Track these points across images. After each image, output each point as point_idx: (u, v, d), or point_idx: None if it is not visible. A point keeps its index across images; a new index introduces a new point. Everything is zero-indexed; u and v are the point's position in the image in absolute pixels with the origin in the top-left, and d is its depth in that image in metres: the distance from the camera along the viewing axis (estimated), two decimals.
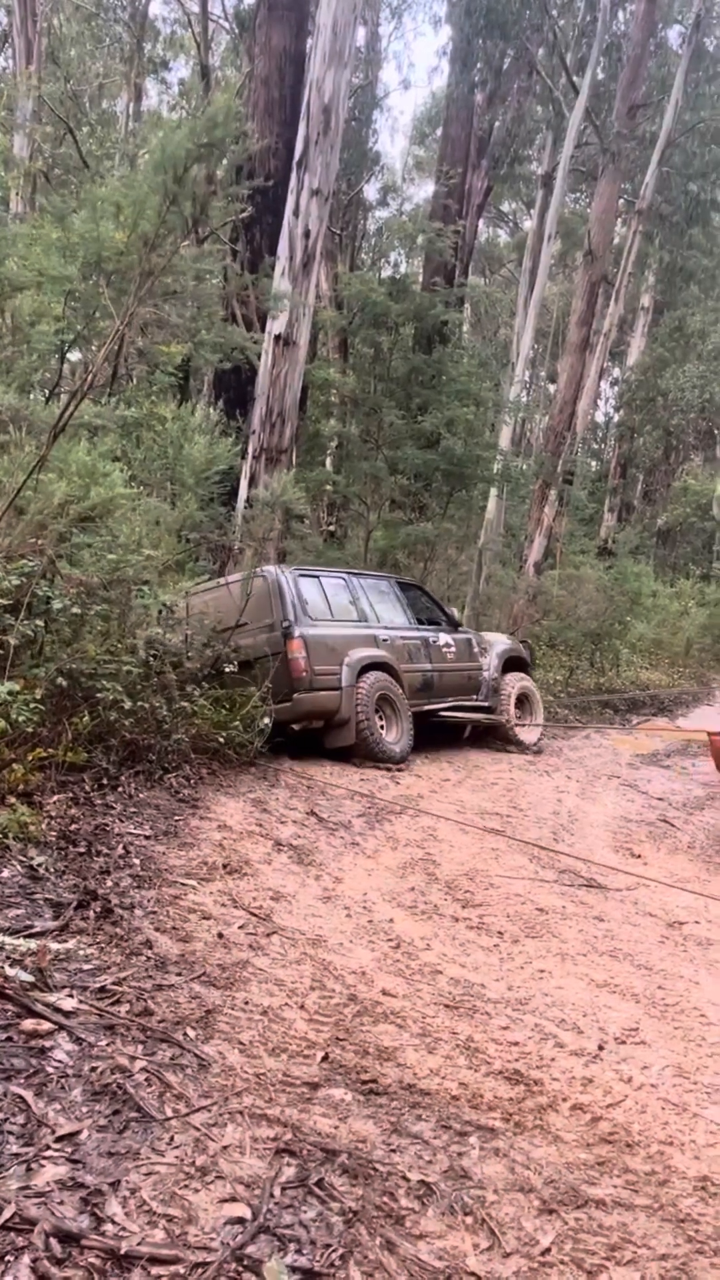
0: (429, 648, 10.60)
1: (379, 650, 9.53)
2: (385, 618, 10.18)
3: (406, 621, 10.62)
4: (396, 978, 4.31)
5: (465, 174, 19.76)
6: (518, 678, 11.67)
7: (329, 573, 10.07)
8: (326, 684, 8.73)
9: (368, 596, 10.10)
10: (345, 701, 8.80)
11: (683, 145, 23.22)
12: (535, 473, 19.13)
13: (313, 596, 9.20)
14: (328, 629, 9.09)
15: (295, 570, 9.37)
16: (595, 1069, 3.75)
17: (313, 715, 8.64)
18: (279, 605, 8.75)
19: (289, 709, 8.41)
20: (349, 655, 9.06)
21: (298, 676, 8.50)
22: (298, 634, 8.60)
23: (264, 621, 8.76)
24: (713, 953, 5.44)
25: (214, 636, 8.29)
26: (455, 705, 10.61)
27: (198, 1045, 3.25)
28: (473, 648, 11.39)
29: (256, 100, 11.91)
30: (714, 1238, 2.77)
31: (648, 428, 29.80)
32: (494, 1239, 2.58)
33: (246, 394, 9.92)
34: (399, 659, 9.81)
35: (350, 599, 9.81)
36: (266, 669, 8.33)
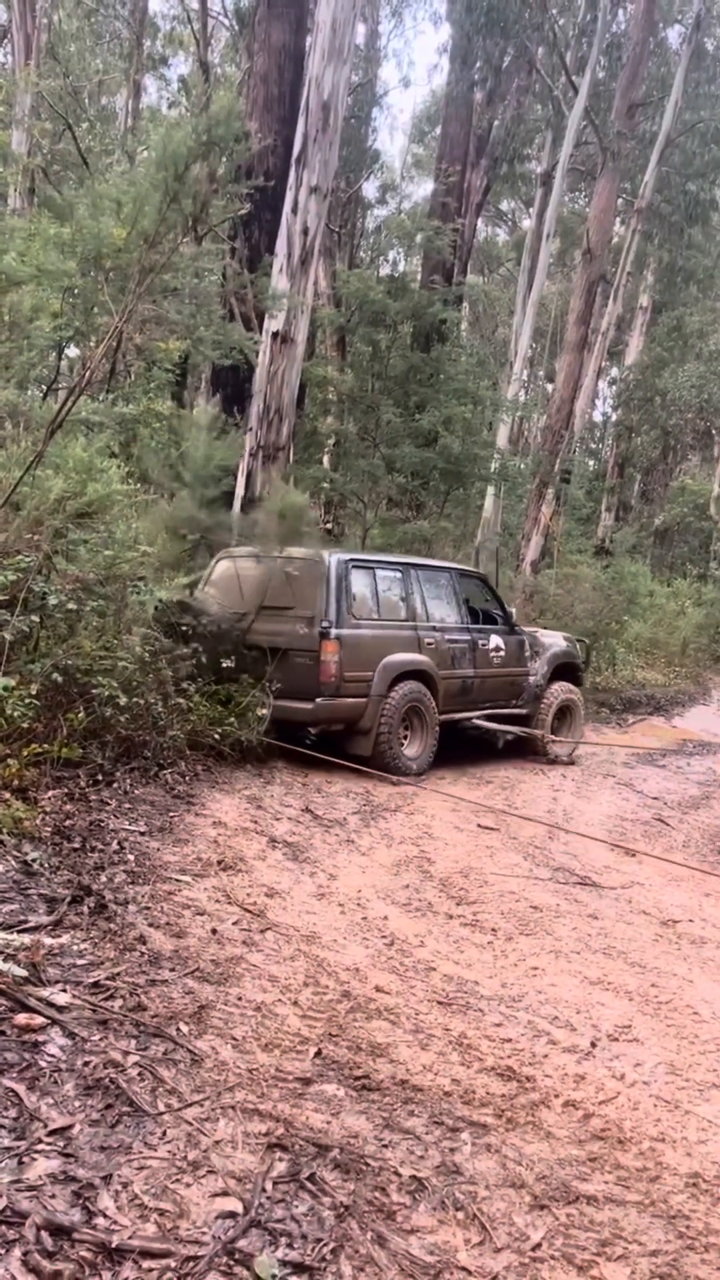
0: (475, 651, 9.89)
1: (419, 655, 8.97)
2: (436, 616, 9.50)
3: (458, 620, 9.88)
4: (390, 974, 4.32)
5: (464, 172, 19.76)
6: (564, 689, 10.94)
7: (385, 563, 9.38)
8: (354, 690, 8.26)
9: (422, 592, 9.40)
10: (370, 710, 8.33)
11: (682, 145, 23.21)
12: (533, 471, 19.14)
13: (361, 591, 8.62)
14: (369, 629, 8.55)
15: (350, 559, 8.76)
16: (588, 1066, 3.75)
17: (333, 721, 8.27)
18: (323, 598, 8.22)
19: (310, 711, 8.06)
20: (385, 659, 8.53)
21: (325, 680, 8.07)
22: (334, 635, 8.12)
23: (305, 611, 8.26)
24: (706, 951, 5.45)
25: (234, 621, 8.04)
26: (490, 714, 10.00)
27: (191, 1040, 3.26)
28: (523, 650, 10.66)
29: (256, 97, 11.91)
30: (705, 1234, 2.78)
31: (645, 427, 29.81)
32: (485, 1234, 2.59)
33: (244, 391, 9.91)
34: (440, 663, 9.22)
35: (401, 595, 9.15)
36: (296, 662, 8.03)
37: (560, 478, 18.56)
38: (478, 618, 10.14)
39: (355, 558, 8.86)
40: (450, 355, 15.43)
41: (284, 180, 9.15)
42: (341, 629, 8.17)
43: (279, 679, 8.05)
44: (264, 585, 8.47)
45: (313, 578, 8.28)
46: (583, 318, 18.94)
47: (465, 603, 9.99)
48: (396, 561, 9.55)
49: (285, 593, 8.39)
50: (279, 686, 8.04)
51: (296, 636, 8.21)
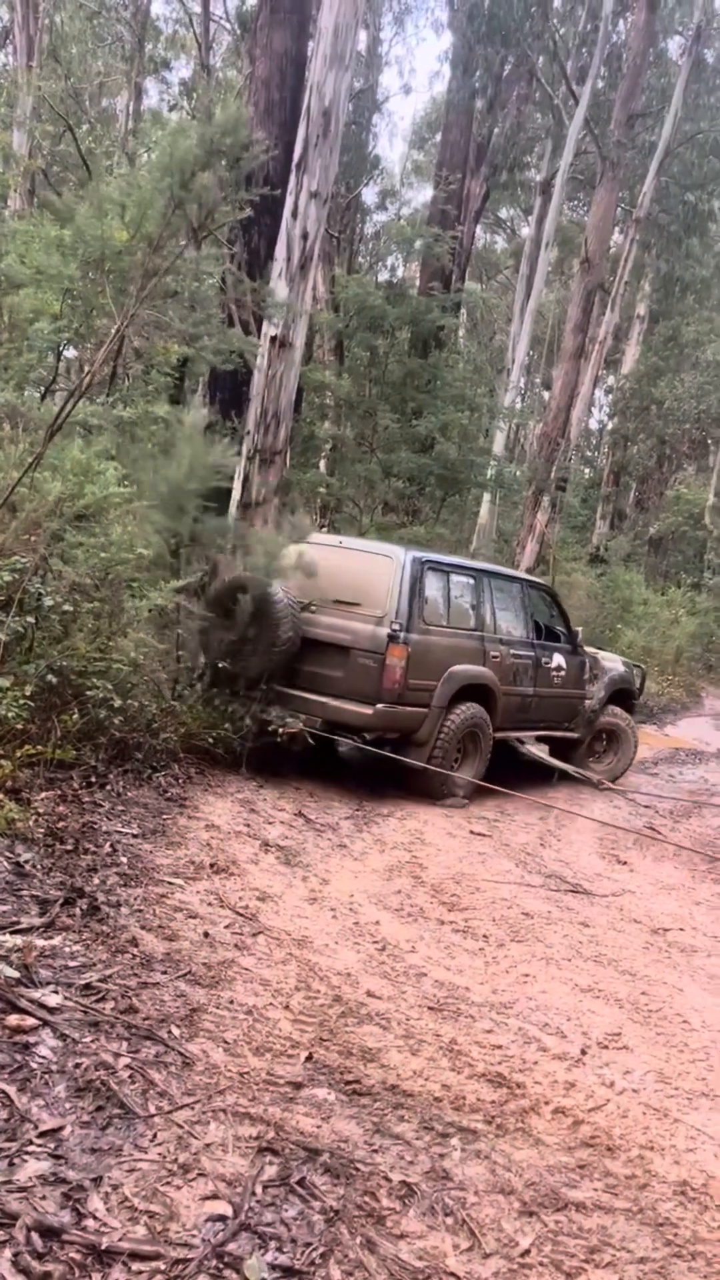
0: (537, 669, 9.36)
1: (483, 668, 8.45)
2: (503, 628, 8.98)
3: (524, 634, 9.36)
4: (381, 979, 4.32)
5: (464, 179, 19.79)
6: (616, 714, 10.48)
7: (461, 567, 8.89)
8: (416, 700, 7.80)
9: (492, 601, 8.90)
10: (429, 723, 7.89)
11: (681, 155, 23.30)
12: (528, 478, 19.17)
13: (434, 595, 8.17)
14: (438, 637, 8.07)
15: (426, 559, 8.30)
16: (578, 1073, 3.76)
17: (391, 729, 7.84)
18: (395, 600, 7.77)
19: (368, 717, 7.60)
20: (450, 670, 8.05)
21: (388, 686, 7.60)
22: (403, 640, 7.66)
23: (374, 610, 7.81)
24: (696, 960, 5.47)
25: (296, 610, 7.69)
26: (541, 735, 9.66)
27: (182, 1043, 3.26)
28: (584, 673, 10.18)
29: (257, 101, 11.92)
30: (692, 1241, 2.79)
31: (641, 436, 29.87)
32: (474, 1240, 2.60)
33: (241, 395, 9.91)
34: (502, 678, 8.70)
35: (472, 602, 8.66)
36: (359, 663, 7.67)
37: (556, 485, 18.60)
38: (542, 633, 9.69)
39: (431, 558, 8.44)
40: (448, 362, 15.47)
41: (284, 185, 9.17)
42: (411, 633, 7.75)
43: (337, 678, 7.76)
44: (332, 577, 8.02)
45: (383, 575, 7.90)
46: (580, 326, 18.99)
47: (532, 616, 9.55)
48: (470, 566, 9.15)
49: (353, 587, 7.98)
50: (336, 686, 7.74)
51: (362, 635, 7.79)
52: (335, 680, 7.81)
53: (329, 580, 7.98)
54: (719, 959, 5.57)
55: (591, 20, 20.68)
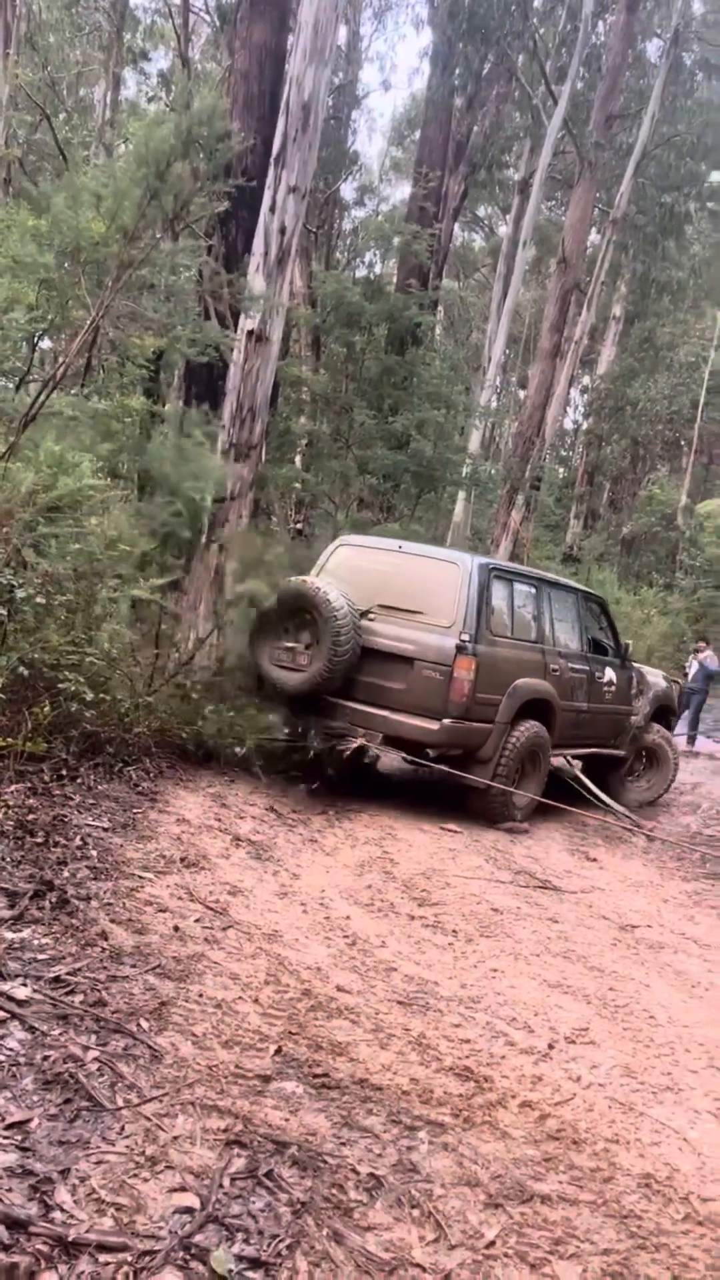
0: (591, 684, 9.07)
1: (545, 682, 8.15)
2: (560, 640, 8.68)
3: (579, 647, 9.04)
4: (351, 974, 4.34)
5: (442, 177, 19.81)
6: (659, 732, 10.30)
7: (524, 575, 8.59)
8: (482, 714, 7.47)
9: (551, 611, 8.60)
10: (494, 739, 7.56)
11: (659, 157, 23.42)
12: (503, 477, 19.24)
13: (500, 604, 7.85)
14: (504, 649, 7.75)
15: (492, 566, 7.98)
16: (545, 1067, 3.79)
17: (457, 746, 7.47)
18: (462, 608, 7.43)
19: (434, 733, 7.25)
20: (515, 684, 7.73)
21: (456, 700, 7.27)
22: (472, 651, 7.33)
23: (440, 620, 7.47)
24: (664, 956, 5.52)
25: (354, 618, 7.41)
26: (585, 754, 9.31)
27: (151, 1036, 3.26)
28: (631, 688, 9.92)
29: (236, 94, 11.87)
30: (656, 1234, 2.82)
31: (615, 436, 30.03)
32: (440, 1232, 2.61)
33: (218, 389, 9.88)
34: (561, 694, 8.38)
35: (534, 613, 8.36)
36: (423, 675, 7.34)
37: (530, 484, 18.67)
38: (594, 647, 9.41)
39: (497, 565, 8.21)
40: (424, 359, 15.49)
41: (262, 178, 9.14)
42: (479, 644, 7.41)
43: (399, 691, 7.47)
44: (389, 582, 7.77)
45: (448, 582, 7.56)
46: (556, 326, 19.06)
47: (585, 628, 9.26)
48: (533, 575, 8.82)
49: (415, 595, 7.65)
50: (398, 699, 7.44)
51: (427, 646, 7.44)
52: (397, 693, 7.51)
53: (387, 587, 7.73)
54: (686, 955, 5.63)
55: (571, 21, 20.73)
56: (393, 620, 7.63)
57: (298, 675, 7.57)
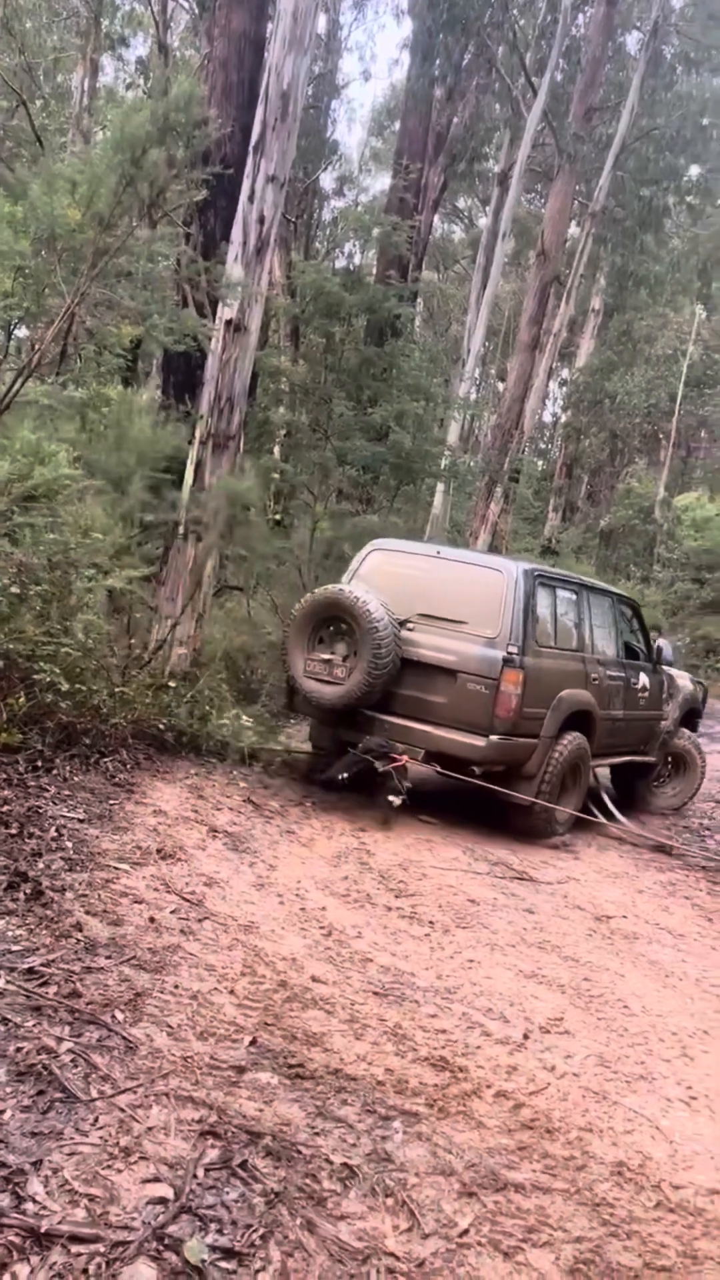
0: (628, 691, 8.78)
1: (587, 693, 7.87)
2: (599, 647, 8.38)
3: (615, 654, 8.72)
4: (327, 965, 4.34)
5: (422, 168, 19.77)
6: (686, 737, 10.00)
7: (566, 581, 8.21)
8: (528, 729, 7.17)
9: (591, 618, 8.32)
10: (539, 754, 7.29)
11: (638, 150, 23.44)
12: (482, 469, 19.24)
13: (544, 612, 7.54)
14: (549, 659, 7.45)
15: (537, 573, 7.63)
16: (520, 1057, 3.81)
17: (503, 762, 7.16)
18: (508, 618, 7.12)
19: (480, 750, 6.93)
20: (559, 696, 7.45)
21: (503, 716, 6.95)
22: (519, 664, 7.02)
23: (484, 630, 7.15)
24: (638, 946, 5.55)
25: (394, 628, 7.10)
26: (627, 760, 9.05)
27: (125, 1028, 3.25)
28: (663, 692, 9.62)
29: (215, 82, 11.81)
30: (628, 1221, 2.84)
31: (594, 429, 30.14)
32: (414, 1220, 2.62)
33: (195, 378, 9.83)
34: (600, 703, 8.08)
35: (575, 620, 8.07)
36: (468, 689, 7.03)
37: (509, 477, 18.69)
38: (628, 652, 9.10)
39: (541, 571, 7.84)
40: (404, 351, 15.45)
41: (241, 167, 9.08)
42: (528, 659, 7.11)
43: (441, 704, 7.17)
44: (428, 590, 7.49)
45: (493, 590, 7.25)
46: (535, 318, 19.08)
47: (620, 633, 8.96)
48: (573, 580, 8.44)
49: (456, 603, 7.35)
50: (440, 713, 7.15)
51: (471, 658, 7.11)
52: (439, 707, 7.20)
53: (425, 594, 7.46)
54: (660, 945, 5.66)
55: (551, 12, 20.71)
56: (433, 630, 7.31)
57: (335, 688, 7.25)
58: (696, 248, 28.29)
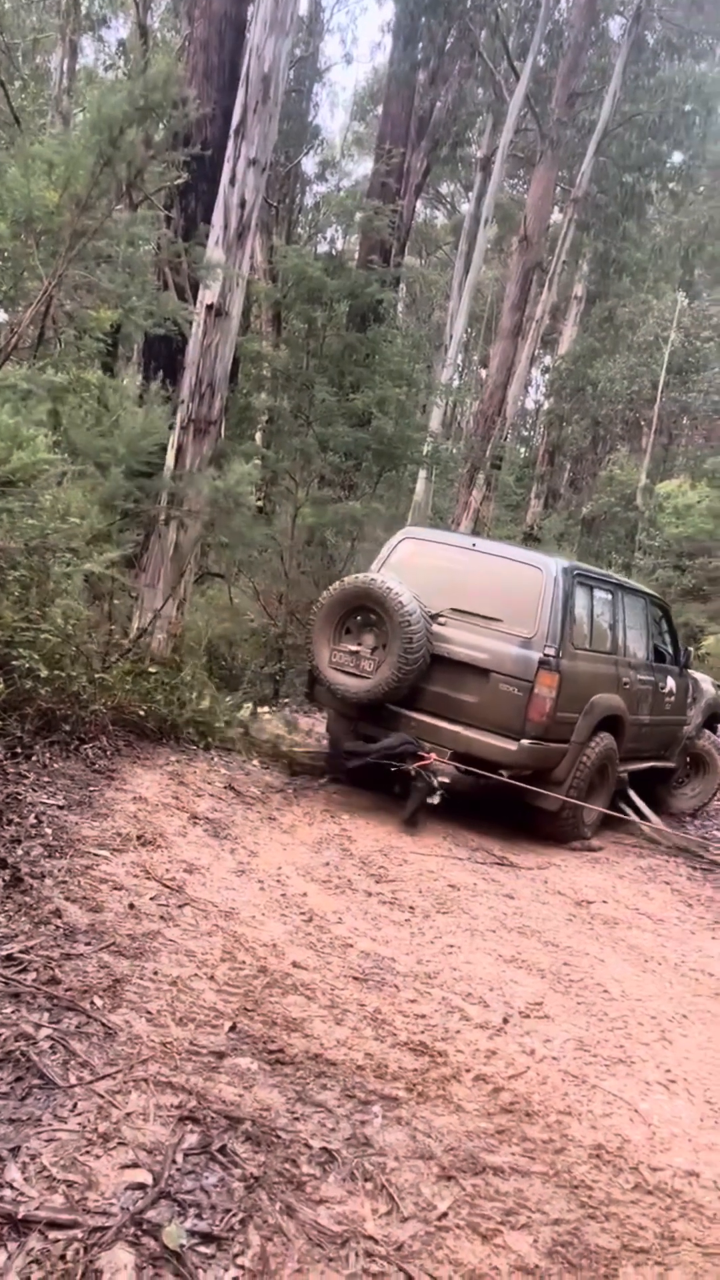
0: (656, 695, 8.62)
1: (618, 698, 7.70)
2: (631, 649, 8.21)
3: (645, 657, 8.54)
4: (307, 950, 4.34)
5: (405, 153, 19.68)
6: (707, 737, 9.86)
7: (604, 580, 8.02)
8: (559, 734, 6.99)
9: (625, 619, 8.12)
10: (569, 760, 7.11)
11: (620, 136, 23.39)
12: (464, 456, 19.22)
13: (581, 614, 7.37)
14: (583, 662, 7.27)
15: (577, 572, 7.44)
16: (499, 1041, 3.82)
17: (534, 767, 6.96)
18: (545, 618, 6.91)
19: (511, 754, 6.75)
20: (592, 700, 7.29)
21: (536, 720, 6.76)
22: (556, 667, 6.82)
23: (520, 630, 6.94)
24: (618, 931, 5.58)
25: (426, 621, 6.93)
26: (650, 767, 8.86)
27: (105, 1014, 3.24)
28: (687, 696, 9.48)
29: (195, 64, 11.70)
30: (606, 1204, 2.86)
31: (576, 416, 30.10)
32: (393, 1204, 2.63)
33: (176, 363, 9.76)
34: (630, 707, 7.92)
35: (610, 620, 7.90)
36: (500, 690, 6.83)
37: (491, 463, 18.68)
38: (657, 654, 8.95)
39: (581, 569, 7.65)
40: (386, 336, 15.40)
41: (222, 151, 9.00)
42: (563, 658, 6.91)
43: (471, 704, 7.00)
44: (461, 583, 7.31)
45: (530, 587, 7.03)
46: (518, 305, 19.04)
47: (649, 635, 8.76)
48: (610, 579, 8.26)
49: (491, 599, 7.15)
50: (470, 714, 6.97)
51: (505, 658, 6.90)
52: (469, 706, 7.01)
53: (459, 588, 7.28)
54: (639, 930, 5.69)
55: None
56: (466, 626, 7.11)
57: (362, 682, 7.05)
58: (679, 235, 28.29)
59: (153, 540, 8.61)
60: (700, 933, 5.96)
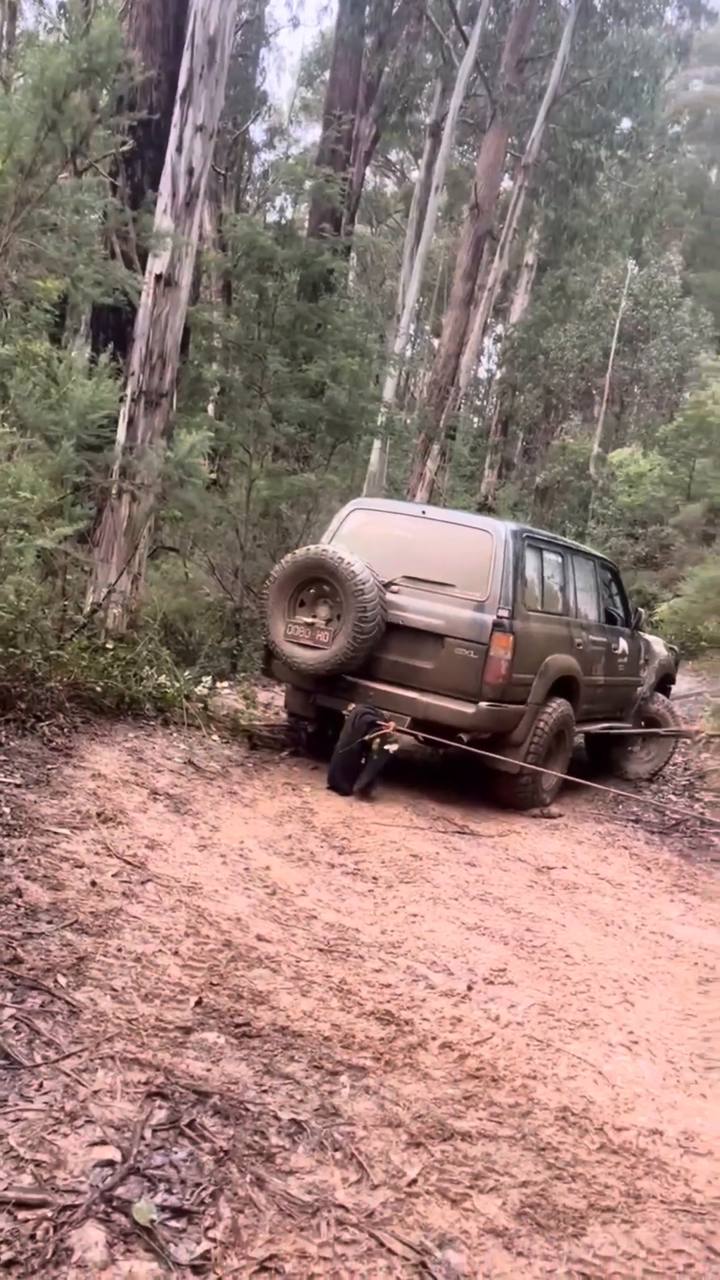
0: (608, 656, 8.69)
1: (572, 659, 7.73)
2: (582, 611, 8.29)
3: (597, 618, 8.64)
4: (272, 923, 4.34)
5: (354, 120, 19.48)
6: (661, 702, 9.91)
7: (553, 543, 8.09)
8: (516, 696, 7.02)
9: (575, 581, 8.20)
10: (526, 721, 7.14)
11: (570, 102, 23.33)
12: (418, 426, 19.19)
13: (532, 576, 7.41)
14: (536, 624, 7.30)
15: (526, 534, 7.48)
16: (464, 1008, 3.85)
17: (492, 730, 7.01)
18: (497, 581, 6.95)
19: (469, 716, 6.79)
20: (546, 661, 7.32)
21: (493, 681, 6.80)
22: (509, 628, 6.85)
23: (473, 594, 6.98)
24: (578, 896, 5.63)
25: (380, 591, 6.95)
26: (606, 729, 8.90)
27: (69, 992, 3.22)
28: (640, 657, 9.57)
29: (139, 27, 11.47)
30: (572, 1164, 2.89)
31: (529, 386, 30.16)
32: (363, 1172, 2.64)
33: (126, 335, 9.62)
34: (584, 669, 7.97)
35: (561, 583, 7.95)
36: (456, 654, 6.88)
37: (445, 434, 18.68)
38: (608, 617, 9.03)
39: (531, 532, 7.71)
40: (338, 306, 15.28)
41: (168, 117, 8.84)
42: (516, 620, 6.94)
43: (427, 670, 7.02)
44: (413, 551, 7.34)
45: (481, 552, 7.07)
46: (469, 273, 19.00)
47: (600, 597, 8.85)
48: (559, 542, 8.33)
49: (442, 565, 7.19)
50: (427, 680, 7.00)
51: (459, 622, 6.95)
52: (425, 673, 7.04)
53: (410, 556, 7.29)
54: (599, 895, 5.75)
55: None
56: (419, 593, 7.14)
57: (318, 653, 7.05)
58: (629, 202, 28.34)
59: (105, 514, 8.50)
60: (659, 896, 6.04)
